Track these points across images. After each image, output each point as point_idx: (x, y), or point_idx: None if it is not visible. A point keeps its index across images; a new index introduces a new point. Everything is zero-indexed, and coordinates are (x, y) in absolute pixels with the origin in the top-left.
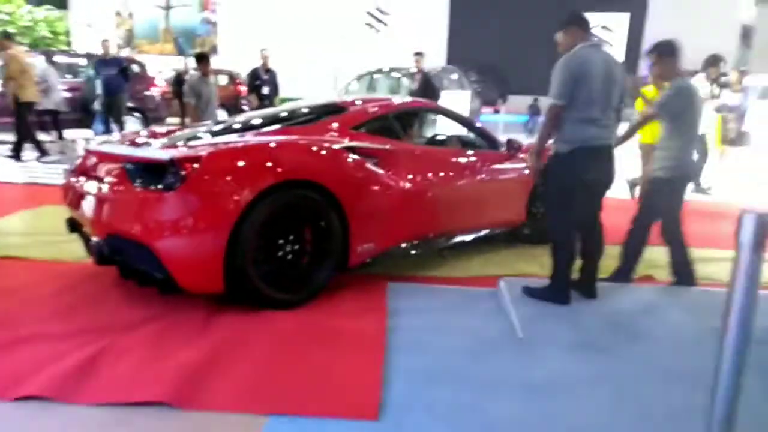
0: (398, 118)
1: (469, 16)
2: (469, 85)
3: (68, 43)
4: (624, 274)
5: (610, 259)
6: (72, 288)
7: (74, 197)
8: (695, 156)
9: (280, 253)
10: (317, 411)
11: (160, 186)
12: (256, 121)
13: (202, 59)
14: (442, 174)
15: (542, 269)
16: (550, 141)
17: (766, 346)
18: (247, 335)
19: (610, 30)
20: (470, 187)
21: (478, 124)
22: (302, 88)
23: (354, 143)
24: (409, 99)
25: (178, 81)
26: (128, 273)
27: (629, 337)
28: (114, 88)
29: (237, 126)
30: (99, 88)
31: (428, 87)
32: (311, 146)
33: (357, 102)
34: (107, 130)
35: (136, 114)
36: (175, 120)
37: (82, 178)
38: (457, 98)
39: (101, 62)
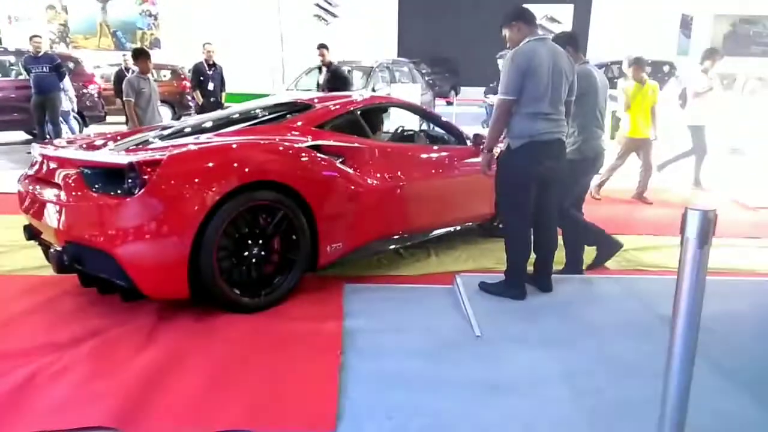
0: (363, 115)
1: (419, 8)
2: (421, 77)
3: None
4: (572, 265)
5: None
6: (10, 302)
7: (30, 204)
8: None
9: (246, 257)
10: (271, 425)
11: (119, 191)
12: (219, 121)
13: (140, 55)
14: (409, 170)
15: (498, 263)
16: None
17: (711, 334)
18: (196, 345)
19: (558, 21)
20: (439, 182)
21: (443, 119)
22: (250, 83)
23: (319, 142)
24: (373, 95)
25: (120, 78)
26: (89, 281)
27: (584, 329)
28: (46, 86)
29: (199, 126)
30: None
31: (338, 80)
32: (275, 146)
33: (320, 99)
34: (42, 133)
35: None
36: (119, 119)
37: (38, 184)
38: (408, 91)
39: (31, 59)
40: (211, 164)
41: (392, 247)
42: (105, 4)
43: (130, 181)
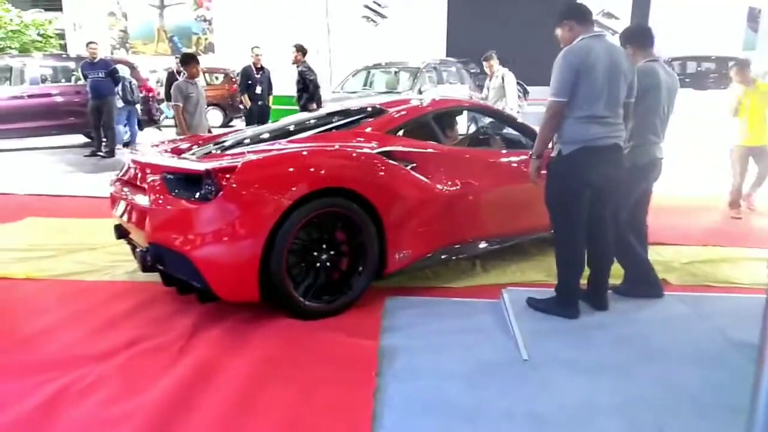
0: (436, 119)
1: (468, 6)
2: (470, 77)
3: (62, 46)
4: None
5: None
6: (47, 310)
7: (119, 205)
8: None
9: (316, 263)
10: None
11: (197, 197)
12: (295, 127)
13: (189, 60)
14: (482, 176)
15: (549, 276)
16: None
17: None
18: (227, 361)
19: (615, 17)
20: (512, 188)
21: (521, 121)
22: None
23: (389, 147)
24: (443, 97)
25: (170, 82)
26: (170, 281)
27: (644, 355)
28: (102, 91)
29: (276, 132)
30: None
31: (305, 83)
32: (345, 153)
33: (392, 104)
34: (98, 137)
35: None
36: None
37: (126, 187)
38: (456, 92)
39: (88, 65)
40: (282, 171)
41: (462, 255)
42: (162, 10)
43: (206, 187)
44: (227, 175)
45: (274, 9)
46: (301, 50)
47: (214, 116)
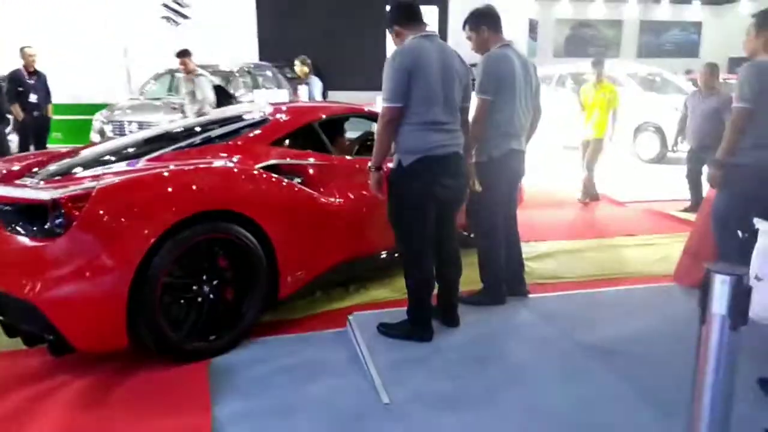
0: (324, 126)
1: (279, 8)
2: (287, 82)
3: None
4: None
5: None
6: None
7: None
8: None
9: (196, 298)
10: None
11: (42, 232)
12: (158, 141)
13: None
14: None
15: (395, 292)
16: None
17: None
18: None
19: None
20: None
21: None
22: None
23: (274, 161)
24: (336, 103)
25: None
26: (14, 332)
27: (506, 375)
28: None
29: (133, 147)
30: None
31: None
32: (224, 170)
33: (273, 112)
34: None
35: None
36: None
37: None
38: (274, 97)
39: None
40: (148, 196)
41: (365, 269)
42: None
43: (54, 219)
44: (79, 204)
45: (54, 4)
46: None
47: None
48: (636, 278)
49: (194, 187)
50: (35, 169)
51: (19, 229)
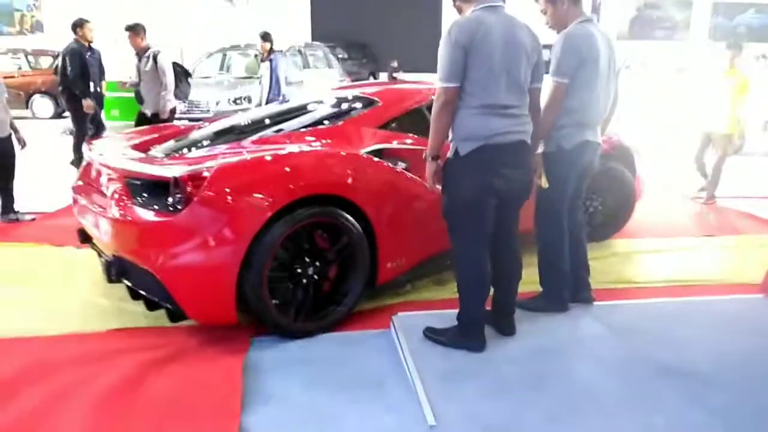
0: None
1: None
2: (337, 62)
3: None
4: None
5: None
6: None
7: (81, 209)
8: None
9: (301, 278)
10: None
11: (164, 206)
12: (267, 121)
13: None
14: None
15: (445, 291)
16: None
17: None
18: None
19: None
20: None
21: None
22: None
23: (380, 145)
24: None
25: None
26: (138, 295)
27: (570, 401)
28: None
29: (249, 127)
30: None
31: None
32: (331, 154)
33: (383, 94)
34: None
35: None
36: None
37: (86, 190)
38: (324, 77)
39: None
40: (261, 177)
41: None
42: None
43: (175, 196)
44: (198, 182)
45: None
46: (140, 33)
47: (43, 106)
48: (716, 286)
49: (302, 171)
50: (156, 146)
51: (143, 201)
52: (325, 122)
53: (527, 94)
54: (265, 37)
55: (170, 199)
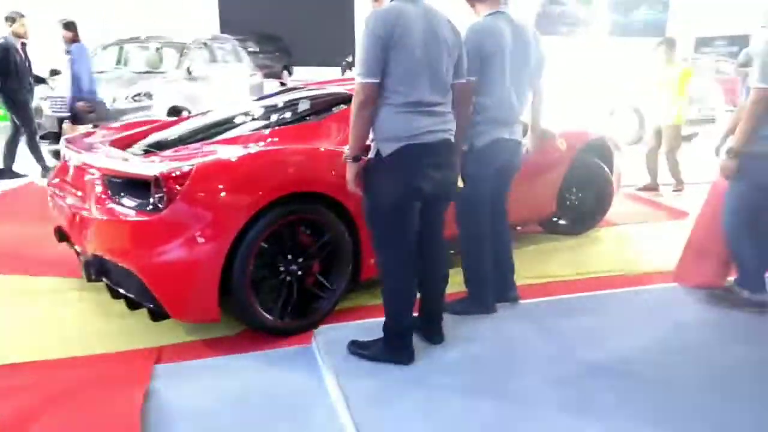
0: None
1: None
2: (248, 57)
3: None
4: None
5: None
6: None
7: (58, 207)
8: None
9: (284, 276)
10: None
11: (144, 204)
12: (249, 117)
13: None
14: None
15: (372, 297)
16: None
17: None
18: None
19: None
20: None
21: None
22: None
23: None
24: None
25: None
26: (119, 294)
27: (505, 410)
28: None
29: (226, 124)
30: None
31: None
32: (312, 152)
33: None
34: None
35: None
36: None
37: (64, 186)
38: (234, 72)
39: None
40: (243, 175)
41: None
42: None
43: (156, 194)
44: (180, 180)
45: None
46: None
47: None
48: (632, 277)
49: (287, 168)
50: (136, 142)
51: (122, 200)
52: (308, 119)
53: (450, 91)
54: (68, 26)
55: (152, 198)
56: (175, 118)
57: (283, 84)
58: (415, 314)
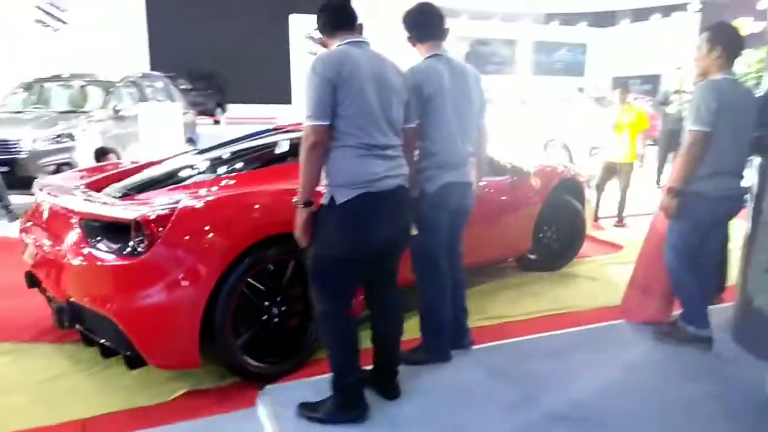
0: None
1: (172, 13)
2: (180, 94)
3: None
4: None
5: None
6: None
7: (30, 251)
8: None
9: (266, 320)
10: None
11: (123, 249)
12: (229, 158)
13: None
14: None
15: (320, 352)
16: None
17: None
18: None
19: None
20: (480, 218)
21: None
22: None
23: None
24: None
25: None
26: (92, 341)
27: None
28: None
29: (207, 165)
30: None
31: None
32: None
33: None
34: None
35: None
36: None
37: (37, 230)
38: (166, 111)
39: None
40: (224, 218)
41: None
42: None
43: (135, 239)
44: (161, 224)
45: None
46: None
47: None
48: (579, 313)
49: (269, 210)
50: (110, 184)
51: (101, 244)
52: (288, 159)
53: (401, 134)
54: None
55: (131, 241)
56: (146, 162)
57: (216, 122)
58: (369, 367)
